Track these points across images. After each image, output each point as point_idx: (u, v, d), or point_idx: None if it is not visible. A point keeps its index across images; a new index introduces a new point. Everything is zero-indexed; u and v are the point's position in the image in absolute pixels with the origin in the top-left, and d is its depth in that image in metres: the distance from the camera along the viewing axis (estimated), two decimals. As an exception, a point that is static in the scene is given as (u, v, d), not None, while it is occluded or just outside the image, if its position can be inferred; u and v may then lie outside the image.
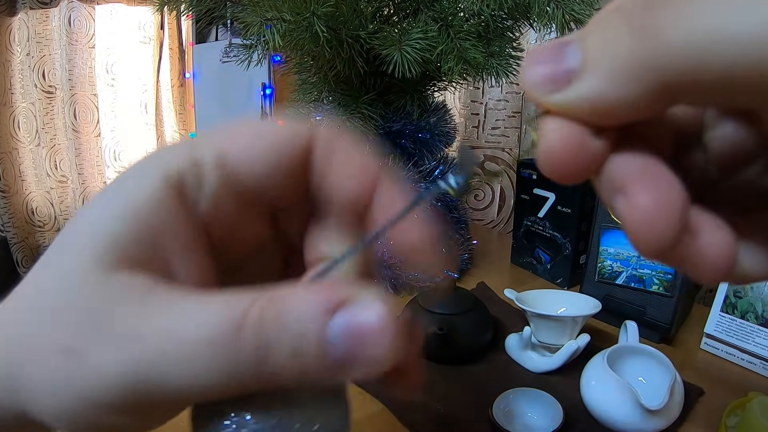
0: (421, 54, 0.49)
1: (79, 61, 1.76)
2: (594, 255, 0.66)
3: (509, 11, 0.54)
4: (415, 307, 0.56)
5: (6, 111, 1.75)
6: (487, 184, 1.14)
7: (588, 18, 0.49)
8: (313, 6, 0.46)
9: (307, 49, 0.50)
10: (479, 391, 0.49)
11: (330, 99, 0.66)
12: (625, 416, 0.41)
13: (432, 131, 0.69)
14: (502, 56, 0.53)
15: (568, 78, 0.11)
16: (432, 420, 0.45)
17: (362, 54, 0.53)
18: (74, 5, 1.71)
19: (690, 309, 0.65)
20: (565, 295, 0.60)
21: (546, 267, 0.77)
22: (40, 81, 1.75)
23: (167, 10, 0.62)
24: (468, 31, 0.51)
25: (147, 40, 1.94)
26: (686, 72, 0.10)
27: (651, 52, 0.10)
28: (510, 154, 1.09)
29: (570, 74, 0.11)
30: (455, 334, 0.52)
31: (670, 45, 0.10)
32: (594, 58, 0.11)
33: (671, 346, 0.58)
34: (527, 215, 0.78)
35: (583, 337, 0.51)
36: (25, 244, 1.80)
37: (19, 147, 1.79)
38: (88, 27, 1.77)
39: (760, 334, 0.52)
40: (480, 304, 0.57)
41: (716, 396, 0.49)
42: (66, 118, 1.77)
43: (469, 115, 1.13)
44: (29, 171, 1.82)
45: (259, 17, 0.46)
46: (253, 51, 0.49)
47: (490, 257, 0.87)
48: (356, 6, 0.53)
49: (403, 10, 0.59)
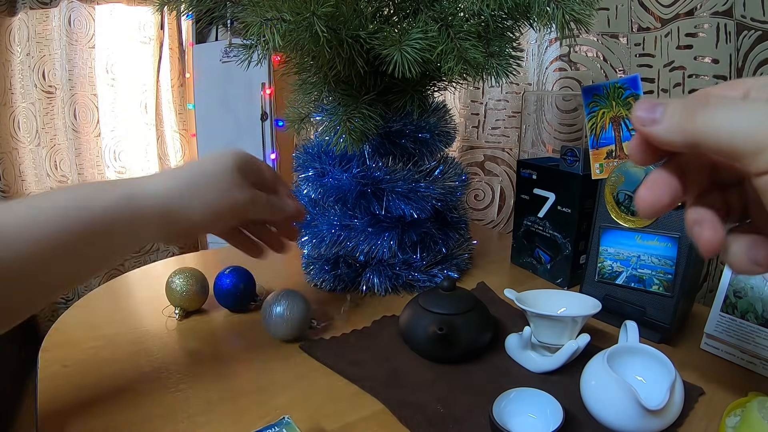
0: (421, 54, 0.49)
1: (79, 61, 1.76)
2: (594, 255, 0.66)
3: (509, 11, 0.54)
4: (415, 307, 0.56)
5: (6, 111, 1.75)
6: (487, 184, 1.14)
7: (588, 18, 0.49)
8: (313, 6, 0.46)
9: (307, 49, 0.50)
10: (479, 391, 0.49)
11: (330, 99, 0.66)
12: (625, 416, 0.41)
13: (432, 131, 0.69)
14: (502, 56, 0.52)
15: (654, 121, 0.22)
16: (432, 420, 0.45)
17: (362, 54, 0.53)
18: (74, 5, 1.71)
19: (690, 309, 0.65)
20: (565, 295, 0.60)
21: (546, 267, 0.77)
22: (40, 81, 1.75)
23: (167, 10, 0.62)
24: (468, 31, 0.51)
25: (147, 40, 1.94)
26: (702, 141, 0.20)
27: (688, 126, 0.21)
28: (510, 154, 1.09)
29: (655, 120, 0.22)
30: (455, 334, 0.52)
31: (698, 127, 0.20)
32: (667, 117, 0.21)
33: (671, 346, 0.58)
34: (527, 215, 0.78)
35: (583, 337, 0.51)
36: (25, 244, 1.79)
37: (19, 147, 1.79)
38: (88, 27, 1.77)
39: (760, 334, 0.52)
40: (480, 304, 0.57)
41: (716, 396, 0.49)
42: (66, 118, 1.77)
43: (469, 115, 1.13)
44: (29, 171, 1.82)
45: (259, 17, 0.46)
46: (253, 51, 0.49)
47: (490, 257, 0.87)
48: (356, 6, 0.53)
49: (403, 10, 0.59)
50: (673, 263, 0.58)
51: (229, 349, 0.58)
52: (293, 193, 0.57)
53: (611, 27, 0.86)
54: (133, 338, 0.59)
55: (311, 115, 0.70)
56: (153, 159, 2.05)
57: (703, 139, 0.20)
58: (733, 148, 0.19)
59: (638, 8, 0.82)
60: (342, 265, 0.71)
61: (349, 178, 0.66)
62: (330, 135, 0.60)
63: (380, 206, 0.66)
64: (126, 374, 0.52)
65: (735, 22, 0.70)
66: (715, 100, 0.21)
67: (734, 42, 0.70)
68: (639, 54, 0.83)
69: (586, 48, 0.90)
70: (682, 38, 0.75)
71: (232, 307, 0.65)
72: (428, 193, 0.67)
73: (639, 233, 0.61)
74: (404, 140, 0.67)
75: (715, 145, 0.20)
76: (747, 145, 0.19)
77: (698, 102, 0.21)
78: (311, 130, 0.73)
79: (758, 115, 0.19)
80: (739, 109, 0.20)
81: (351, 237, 0.68)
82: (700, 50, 0.73)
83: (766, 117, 0.18)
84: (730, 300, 0.54)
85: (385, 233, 0.67)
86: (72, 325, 0.63)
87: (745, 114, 0.19)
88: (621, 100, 0.61)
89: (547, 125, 0.99)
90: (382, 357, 0.55)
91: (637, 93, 0.59)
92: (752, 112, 0.19)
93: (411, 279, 0.71)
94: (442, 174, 0.70)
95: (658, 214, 0.23)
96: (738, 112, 0.19)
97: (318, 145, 0.70)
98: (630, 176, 0.61)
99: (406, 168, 0.67)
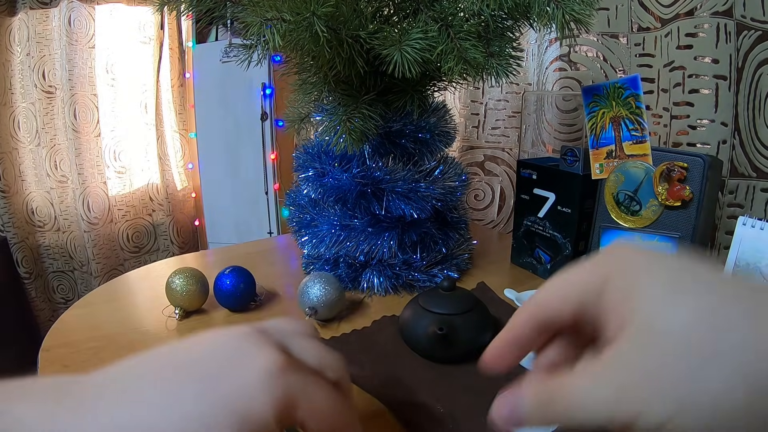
0: (421, 54, 0.49)
1: (79, 61, 1.76)
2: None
3: (509, 11, 0.54)
4: (415, 307, 0.56)
5: (6, 111, 1.75)
6: (487, 184, 1.14)
7: (588, 18, 0.49)
8: (313, 6, 0.46)
9: (307, 49, 0.50)
10: (479, 391, 0.49)
11: (330, 99, 0.66)
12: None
13: (432, 131, 0.69)
14: (502, 56, 0.52)
15: (519, 421, 0.21)
16: (432, 420, 0.45)
17: (362, 54, 0.53)
18: (74, 5, 1.70)
19: (690, 309, 0.65)
20: (565, 295, 0.60)
21: (546, 267, 0.77)
22: (40, 81, 1.75)
23: (167, 10, 0.62)
24: (468, 31, 0.51)
25: (147, 40, 1.94)
26: (571, 422, 0.20)
27: (554, 418, 0.21)
28: (510, 154, 1.09)
29: (520, 421, 0.21)
30: (455, 334, 0.52)
31: (561, 416, 0.20)
32: (528, 417, 0.21)
33: (671, 346, 0.58)
34: (527, 215, 0.78)
35: (583, 337, 0.51)
36: (25, 244, 1.80)
37: (19, 147, 1.79)
38: (88, 27, 1.77)
39: (760, 334, 0.52)
40: (480, 304, 0.57)
41: None
42: (66, 118, 1.77)
43: (469, 115, 1.13)
44: (29, 171, 1.82)
45: (259, 17, 0.46)
46: (253, 51, 0.49)
47: (490, 257, 0.87)
48: (356, 6, 0.53)
49: (403, 10, 0.59)
50: (673, 263, 0.58)
51: (229, 349, 0.58)
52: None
53: (611, 27, 0.86)
54: (133, 338, 0.59)
55: (311, 115, 0.70)
56: (153, 159, 2.06)
57: (572, 421, 0.20)
58: (605, 422, 0.19)
59: (638, 8, 0.82)
60: (342, 265, 0.71)
61: (349, 178, 0.66)
62: (330, 135, 0.60)
63: (380, 206, 0.66)
64: (126, 374, 0.52)
65: (735, 22, 0.70)
66: (561, 385, 0.20)
67: (734, 42, 0.70)
68: (639, 54, 0.83)
69: (586, 48, 0.90)
70: (682, 38, 0.75)
71: (232, 307, 0.65)
72: (428, 193, 0.67)
73: (639, 233, 0.61)
74: (404, 140, 0.67)
75: (588, 422, 0.19)
76: (614, 419, 0.18)
77: (550, 391, 0.21)
78: (311, 130, 0.73)
79: (606, 392, 0.19)
80: (588, 390, 0.19)
81: (351, 237, 0.68)
82: (700, 50, 0.73)
83: (613, 392, 0.18)
84: (730, 300, 0.54)
85: (385, 233, 0.67)
86: (72, 325, 0.63)
87: (598, 392, 0.19)
88: (621, 100, 0.61)
89: (547, 125, 0.99)
90: (382, 357, 0.55)
91: (637, 93, 0.59)
92: (601, 389, 0.19)
93: (411, 279, 0.71)
94: (442, 174, 0.70)
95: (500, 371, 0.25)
96: (588, 394, 0.19)
97: (318, 145, 0.70)
98: (630, 176, 0.61)
99: (406, 168, 0.67)
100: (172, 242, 2.14)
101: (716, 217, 0.75)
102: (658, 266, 0.20)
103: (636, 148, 0.60)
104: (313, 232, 0.71)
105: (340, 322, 0.63)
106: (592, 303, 0.21)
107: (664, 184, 0.57)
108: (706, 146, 0.74)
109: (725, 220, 0.76)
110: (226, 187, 2.05)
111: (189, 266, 0.66)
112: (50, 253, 1.89)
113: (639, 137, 0.60)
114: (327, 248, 0.69)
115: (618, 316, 0.20)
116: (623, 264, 0.21)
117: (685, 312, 0.18)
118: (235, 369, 0.24)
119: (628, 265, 0.21)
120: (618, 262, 0.21)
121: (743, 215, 0.54)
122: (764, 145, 0.71)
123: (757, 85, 0.70)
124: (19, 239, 1.76)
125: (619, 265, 0.21)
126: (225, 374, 0.24)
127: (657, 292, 0.19)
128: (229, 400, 0.23)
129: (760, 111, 0.71)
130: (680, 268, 0.20)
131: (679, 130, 0.77)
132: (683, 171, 0.56)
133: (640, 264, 0.21)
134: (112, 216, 1.96)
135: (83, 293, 1.95)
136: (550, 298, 0.23)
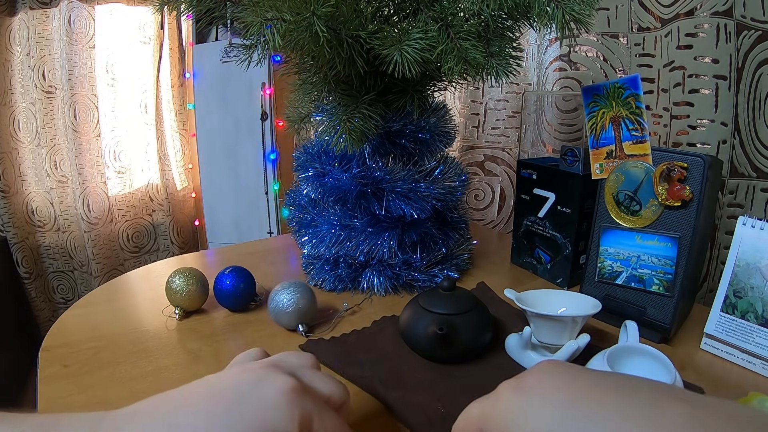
0: (421, 54, 0.49)
1: (79, 61, 1.76)
2: (594, 255, 0.66)
3: (509, 11, 0.54)
4: (415, 307, 0.56)
5: (6, 111, 1.75)
6: (487, 184, 1.14)
7: (588, 18, 0.49)
8: (313, 6, 0.46)
9: (307, 49, 0.50)
10: (479, 391, 0.48)
11: (330, 99, 0.66)
12: (625, 416, 0.41)
13: (432, 131, 0.69)
14: (502, 56, 0.52)
15: None
16: (432, 420, 0.45)
17: (362, 54, 0.53)
18: (74, 5, 1.71)
19: (690, 309, 0.65)
20: (565, 295, 0.60)
21: (546, 267, 0.77)
22: (40, 81, 1.75)
23: (167, 10, 0.62)
24: (468, 31, 0.51)
25: (147, 40, 1.94)
26: None
27: None
28: (510, 154, 1.09)
29: None
30: (455, 334, 0.52)
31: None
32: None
33: (671, 346, 0.58)
34: (527, 215, 0.78)
35: (583, 337, 0.51)
36: (25, 244, 1.80)
37: (19, 147, 1.79)
38: (88, 27, 1.77)
39: (760, 334, 0.52)
40: (480, 304, 0.57)
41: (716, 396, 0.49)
42: (66, 118, 1.77)
43: (469, 115, 1.13)
44: (29, 171, 1.82)
45: (259, 17, 0.46)
46: (253, 51, 0.49)
47: (490, 257, 0.87)
48: (356, 6, 0.53)
49: (403, 10, 0.59)
50: (673, 263, 0.58)
51: (229, 349, 0.58)
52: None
53: (611, 27, 0.86)
54: (133, 338, 0.59)
55: (311, 115, 0.70)
56: (153, 159, 2.06)
57: None
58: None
59: (638, 8, 0.82)
60: (342, 265, 0.71)
61: (349, 178, 0.66)
62: (330, 135, 0.60)
63: (380, 206, 0.66)
64: (126, 374, 0.52)
65: (735, 22, 0.70)
66: None
67: (734, 42, 0.70)
68: (639, 54, 0.83)
69: (586, 48, 0.90)
70: (682, 38, 0.75)
71: (232, 307, 0.65)
72: (428, 193, 0.67)
73: (639, 233, 0.61)
74: (404, 140, 0.67)
75: None
76: None
77: None
78: (311, 130, 0.73)
79: None
80: None
81: (351, 237, 0.68)
82: (700, 50, 0.73)
83: None
84: (730, 300, 0.54)
85: (385, 233, 0.67)
86: (72, 325, 0.63)
87: None
88: (621, 100, 0.61)
89: (547, 125, 0.99)
90: (382, 357, 0.55)
91: (637, 93, 0.59)
92: None
93: (411, 279, 0.71)
94: (442, 174, 0.70)
95: None
96: None
97: (318, 145, 0.70)
98: (630, 176, 0.61)
99: (406, 168, 0.67)
100: (172, 242, 2.14)
101: (716, 217, 0.75)
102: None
103: (636, 148, 0.60)
104: (313, 232, 0.71)
105: (334, 327, 0.63)
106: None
107: (664, 184, 0.57)
108: (706, 146, 0.74)
109: (725, 220, 0.76)
110: (226, 187, 2.05)
111: (189, 266, 0.66)
112: (50, 253, 1.89)
113: (639, 137, 0.60)
114: (327, 248, 0.70)
115: None
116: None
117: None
118: (259, 390, 0.28)
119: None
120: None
121: (743, 215, 0.54)
122: (764, 145, 0.71)
123: (757, 85, 0.70)
124: (19, 239, 1.76)
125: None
126: (251, 395, 0.28)
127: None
128: (257, 415, 0.27)
129: (760, 111, 0.71)
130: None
131: (679, 130, 0.77)
132: (683, 171, 0.56)
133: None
134: (112, 216, 1.96)
135: (83, 293, 1.95)
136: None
